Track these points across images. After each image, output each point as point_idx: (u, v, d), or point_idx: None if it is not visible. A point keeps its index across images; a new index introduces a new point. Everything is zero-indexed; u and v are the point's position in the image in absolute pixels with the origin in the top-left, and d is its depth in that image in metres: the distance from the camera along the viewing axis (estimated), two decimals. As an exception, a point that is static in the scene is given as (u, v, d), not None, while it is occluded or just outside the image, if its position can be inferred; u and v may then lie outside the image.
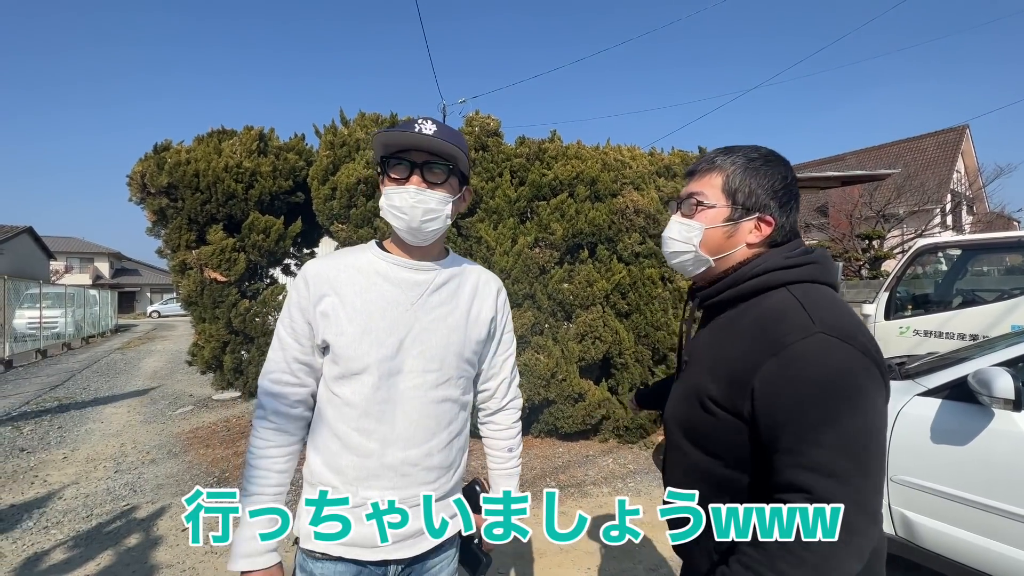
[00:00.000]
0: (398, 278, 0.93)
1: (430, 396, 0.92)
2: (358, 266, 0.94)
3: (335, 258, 0.96)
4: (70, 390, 6.91)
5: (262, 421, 0.93)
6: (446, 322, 0.95)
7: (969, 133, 20.35)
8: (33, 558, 2.50)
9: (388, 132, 0.90)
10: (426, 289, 0.95)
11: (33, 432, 4.73)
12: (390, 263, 0.94)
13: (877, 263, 12.54)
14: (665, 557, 2.48)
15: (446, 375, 0.94)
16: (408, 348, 0.91)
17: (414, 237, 0.92)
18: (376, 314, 0.90)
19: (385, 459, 0.89)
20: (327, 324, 0.89)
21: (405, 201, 0.89)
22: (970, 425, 1.85)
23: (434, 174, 0.91)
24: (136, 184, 3.97)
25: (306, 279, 0.92)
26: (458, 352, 0.95)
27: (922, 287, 5.21)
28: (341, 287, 0.91)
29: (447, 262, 1.00)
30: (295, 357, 0.92)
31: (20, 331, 10.66)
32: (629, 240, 4.03)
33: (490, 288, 1.05)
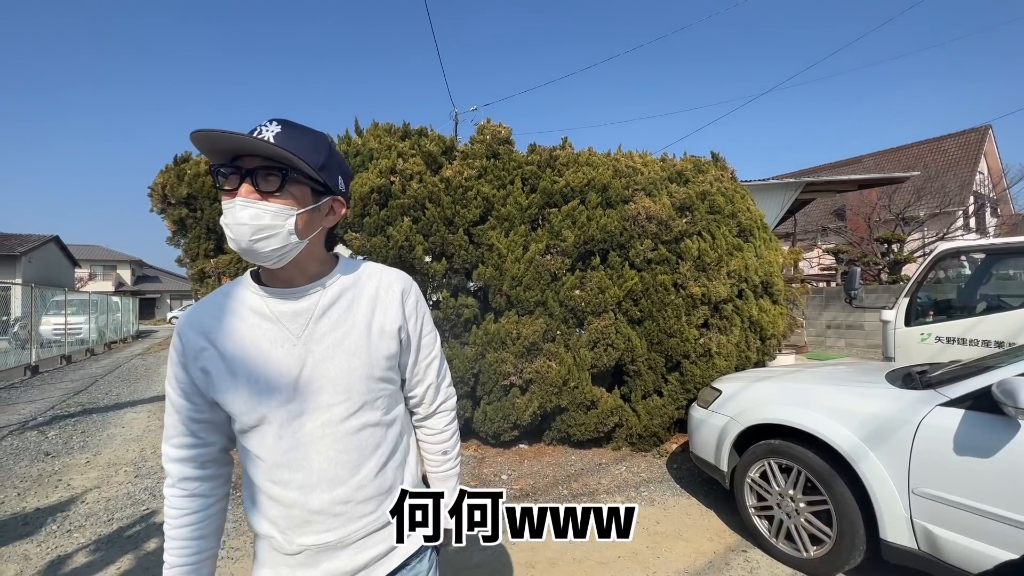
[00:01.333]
0: (275, 312, 0.83)
1: (344, 429, 0.84)
2: (231, 307, 0.84)
3: (208, 302, 0.86)
4: (93, 395, 7.08)
5: (171, 489, 0.86)
6: (343, 347, 0.84)
7: (992, 133, 19.87)
8: (57, 561, 2.56)
9: (206, 133, 0.72)
10: (311, 316, 0.83)
11: (58, 436, 4.85)
12: (264, 296, 0.83)
13: (897, 267, 12.28)
14: (679, 567, 2.45)
15: (357, 402, 0.85)
16: (306, 386, 0.81)
17: (253, 259, 0.78)
18: (260, 359, 0.80)
19: (310, 505, 0.82)
20: (209, 382, 0.81)
21: (232, 216, 0.75)
22: (995, 437, 1.80)
23: (268, 182, 0.77)
24: (157, 195, 4.08)
25: (179, 334, 0.83)
26: (365, 375, 0.85)
27: (944, 292, 5.08)
28: (216, 336, 0.81)
29: (333, 276, 0.88)
30: (191, 418, 0.84)
31: (46, 337, 10.99)
32: (641, 246, 4.01)
33: (392, 293, 0.91)
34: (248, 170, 0.76)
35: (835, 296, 9.46)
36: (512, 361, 3.78)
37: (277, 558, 0.85)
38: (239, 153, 0.77)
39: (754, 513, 2.63)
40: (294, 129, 0.79)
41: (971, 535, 1.82)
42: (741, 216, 4.39)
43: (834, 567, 2.26)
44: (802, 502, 2.39)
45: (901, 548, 2.01)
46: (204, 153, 0.78)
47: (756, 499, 2.63)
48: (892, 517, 2.03)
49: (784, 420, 2.47)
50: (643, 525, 2.88)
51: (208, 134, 0.72)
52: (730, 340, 4.06)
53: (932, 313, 4.53)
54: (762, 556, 2.53)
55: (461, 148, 4.39)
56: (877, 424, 2.13)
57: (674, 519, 2.95)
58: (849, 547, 2.18)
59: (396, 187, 3.87)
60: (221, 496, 0.91)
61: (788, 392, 2.64)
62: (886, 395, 2.23)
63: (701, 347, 3.98)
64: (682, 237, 4.08)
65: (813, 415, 2.36)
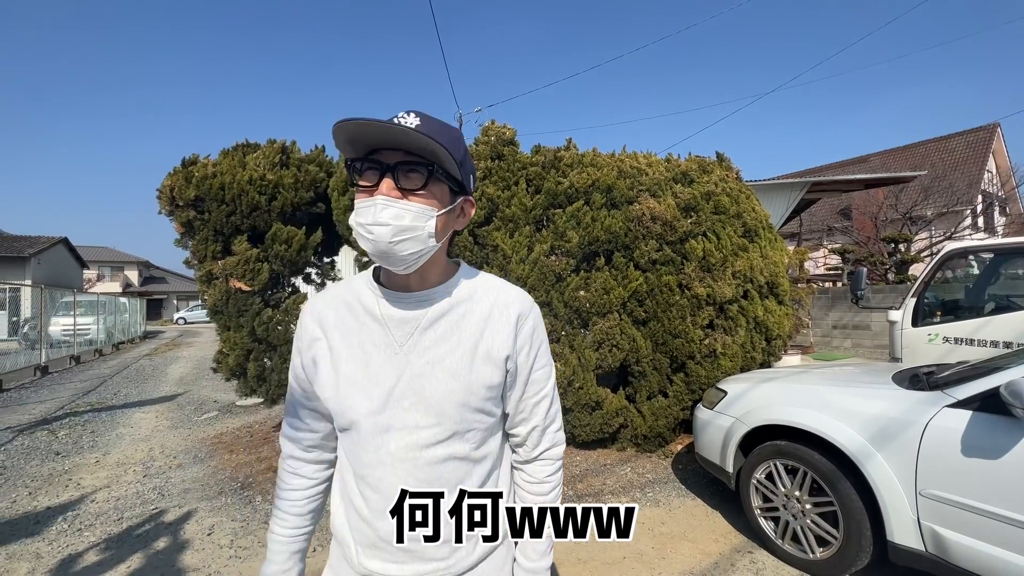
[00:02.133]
0: (386, 314, 0.78)
1: (427, 456, 0.75)
2: (349, 302, 0.80)
3: (331, 293, 0.84)
4: (102, 395, 7.15)
5: (282, 462, 0.90)
6: (443, 365, 0.76)
7: (1000, 132, 19.70)
8: (67, 559, 2.59)
9: (350, 123, 0.66)
10: (416, 326, 0.77)
11: (67, 436, 4.91)
12: (378, 296, 0.79)
13: (904, 267, 12.19)
14: (684, 568, 2.45)
15: (448, 430, 0.76)
16: (398, 400, 0.75)
17: (387, 262, 0.73)
18: (362, 360, 0.77)
19: (380, 530, 0.76)
20: (315, 373, 0.79)
21: (371, 216, 0.69)
22: (1003, 438, 1.79)
23: (411, 179, 0.71)
24: (165, 197, 4.12)
25: (301, 320, 0.83)
26: (461, 402, 0.76)
27: (952, 292, 5.04)
28: (330, 329, 0.79)
29: (450, 286, 0.81)
30: (300, 403, 0.85)
31: (55, 338, 11.11)
32: (646, 247, 4.01)
33: (507, 316, 0.81)
34: (389, 165, 0.70)
35: (841, 296, 9.41)
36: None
37: (345, 570, 0.82)
38: (379, 146, 0.71)
39: (760, 514, 2.63)
40: (434, 121, 0.72)
41: (979, 537, 1.81)
42: (746, 216, 4.38)
43: (840, 569, 2.25)
44: (808, 503, 2.38)
45: (908, 550, 2.01)
46: (339, 146, 0.72)
47: (762, 500, 2.63)
48: (899, 519, 2.02)
49: (790, 421, 2.46)
50: (648, 526, 2.88)
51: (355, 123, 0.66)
52: (735, 341, 4.05)
53: (940, 313, 4.50)
54: (768, 557, 2.52)
55: (466, 149, 4.41)
56: (884, 425, 2.13)
57: (679, 520, 2.95)
58: (856, 549, 2.18)
59: (401, 189, 3.89)
60: (322, 480, 0.91)
61: (794, 393, 2.63)
62: (893, 396, 2.23)
63: (706, 348, 3.97)
64: (687, 238, 4.08)
65: (819, 416, 2.36)
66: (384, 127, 0.67)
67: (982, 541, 1.80)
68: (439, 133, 0.70)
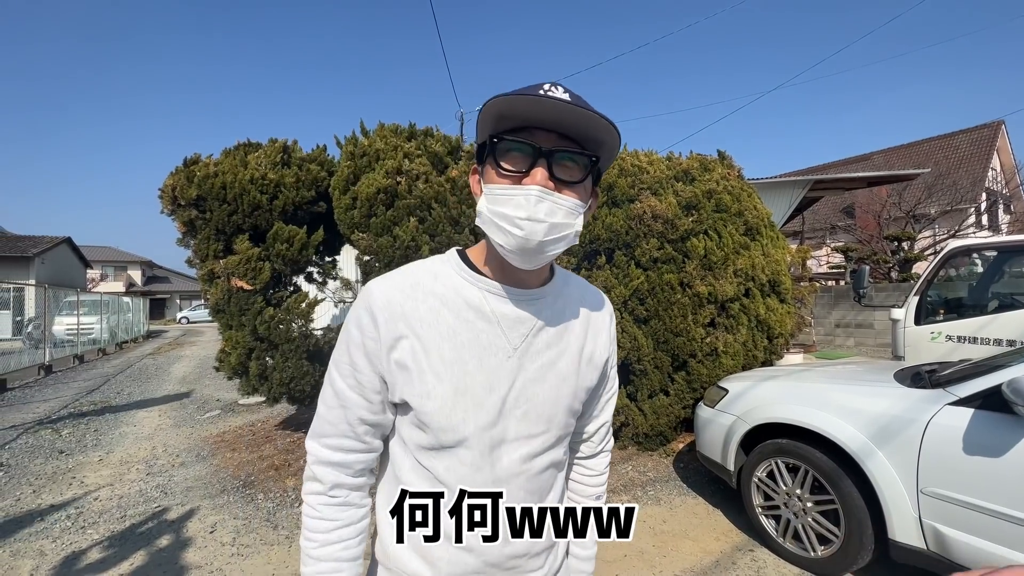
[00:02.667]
0: (497, 312, 0.68)
1: (534, 467, 0.70)
2: (441, 293, 0.68)
3: (409, 279, 0.68)
4: (105, 394, 7.19)
5: (321, 497, 0.70)
6: (555, 369, 0.70)
7: (1005, 129, 19.60)
8: (71, 556, 2.61)
9: (510, 97, 0.58)
10: (532, 327, 0.69)
11: (71, 435, 4.93)
12: (485, 291, 0.68)
13: (907, 265, 12.14)
14: (686, 567, 2.45)
15: (553, 436, 0.71)
16: (511, 409, 0.67)
17: (528, 261, 0.63)
18: (472, 364, 0.66)
19: (487, 556, 0.68)
20: (407, 380, 0.65)
21: (524, 208, 0.59)
22: (1005, 436, 1.79)
23: (568, 169, 0.61)
24: (167, 197, 4.13)
25: (372, 312, 0.65)
26: (568, 406, 0.72)
27: (955, 290, 5.02)
28: (422, 326, 0.65)
29: (557, 284, 0.74)
30: (361, 418, 0.68)
31: (59, 337, 11.15)
32: (647, 246, 4.01)
33: (604, 318, 0.79)
34: (546, 151, 0.60)
35: (844, 295, 9.38)
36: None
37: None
38: (534, 123, 0.60)
39: (761, 512, 2.62)
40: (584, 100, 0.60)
41: (981, 535, 1.80)
42: (748, 214, 4.37)
43: (842, 567, 2.25)
44: (809, 501, 2.38)
45: (910, 548, 2.00)
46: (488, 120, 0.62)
47: (763, 498, 2.62)
48: (901, 517, 2.02)
49: (791, 419, 2.46)
50: (649, 524, 2.88)
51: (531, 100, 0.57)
52: (737, 339, 4.04)
53: (943, 312, 4.48)
54: (769, 555, 2.52)
55: (467, 148, 4.41)
56: (885, 423, 2.12)
57: (681, 518, 2.95)
58: (857, 547, 2.17)
59: (402, 188, 3.90)
60: (369, 508, 0.75)
61: (795, 391, 2.63)
62: (894, 394, 2.22)
63: (708, 346, 3.97)
64: (688, 236, 4.07)
65: (820, 414, 2.36)
66: (550, 105, 0.57)
67: (984, 539, 1.79)
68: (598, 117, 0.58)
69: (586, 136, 0.61)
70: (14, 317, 14.90)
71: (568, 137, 0.61)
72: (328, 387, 0.70)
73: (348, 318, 0.68)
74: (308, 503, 0.70)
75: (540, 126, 0.60)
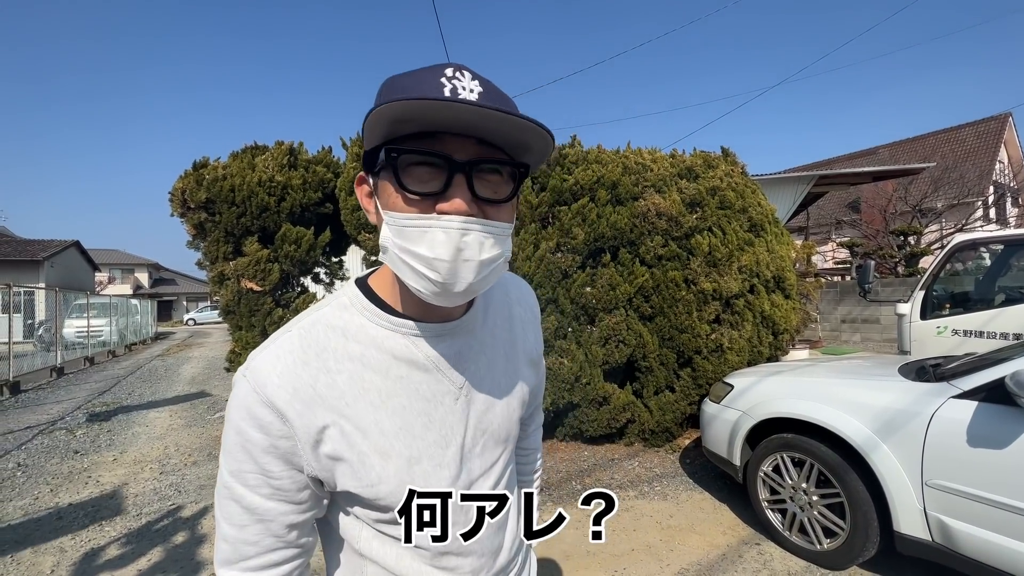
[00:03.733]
0: (431, 357, 0.57)
1: (500, 485, 0.65)
2: (359, 354, 0.54)
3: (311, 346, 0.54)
4: (117, 395, 7.28)
5: None
6: (501, 388, 0.64)
7: (1012, 121, 19.41)
8: (90, 553, 2.67)
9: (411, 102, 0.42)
10: (472, 357, 0.61)
11: (85, 435, 5.02)
12: (411, 335, 0.56)
13: (914, 260, 12.07)
14: (693, 560, 2.48)
15: (509, 451, 0.67)
16: (469, 451, 0.60)
17: (451, 302, 0.50)
18: (418, 427, 0.56)
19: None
20: (347, 471, 0.53)
21: (444, 246, 0.46)
22: (1009, 428, 1.80)
23: (493, 184, 0.49)
24: (177, 200, 4.20)
25: (275, 405, 0.50)
26: (519, 417, 0.68)
27: (961, 285, 5.01)
28: (345, 403, 0.53)
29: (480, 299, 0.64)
30: (289, 524, 0.54)
31: (69, 340, 11.30)
32: (651, 243, 4.03)
33: (528, 308, 0.73)
34: (462, 163, 0.46)
35: (850, 290, 9.35)
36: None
37: None
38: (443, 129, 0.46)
39: (767, 506, 2.65)
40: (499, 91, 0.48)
41: (986, 526, 1.82)
42: (752, 211, 4.38)
43: (848, 559, 2.27)
44: (815, 495, 2.40)
45: (915, 540, 2.02)
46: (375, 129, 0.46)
47: (769, 492, 2.65)
48: (906, 509, 2.04)
49: (796, 414, 2.48)
50: (656, 519, 2.91)
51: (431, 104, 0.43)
52: (742, 335, 4.06)
53: (949, 306, 4.48)
54: (775, 549, 2.55)
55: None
56: (890, 417, 2.14)
57: (687, 513, 2.98)
58: (863, 539, 2.20)
59: (408, 188, 3.94)
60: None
61: (800, 386, 2.65)
62: (899, 388, 2.24)
63: (713, 342, 3.99)
64: (692, 233, 4.09)
65: (825, 409, 2.38)
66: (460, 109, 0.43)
67: (988, 530, 1.81)
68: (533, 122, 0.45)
69: (511, 140, 0.47)
70: (25, 320, 15.11)
71: (488, 143, 0.47)
72: (231, 505, 0.53)
73: (232, 418, 0.52)
74: None
75: (451, 130, 0.46)
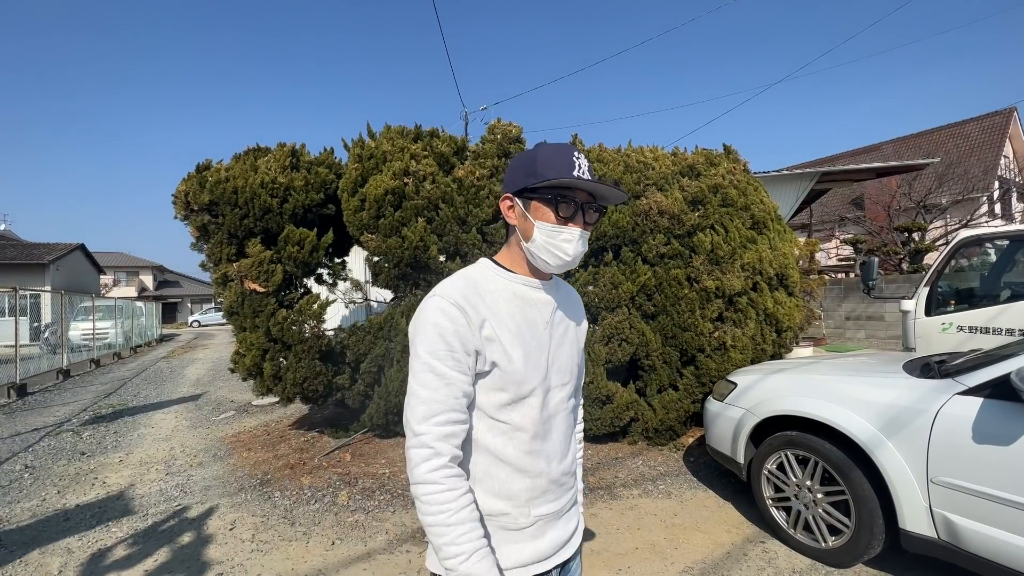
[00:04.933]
0: (535, 299, 0.96)
1: (568, 407, 0.98)
2: (494, 289, 0.92)
3: (471, 280, 0.92)
4: (122, 397, 7.33)
5: (444, 470, 0.81)
6: (568, 336, 1.00)
7: (1017, 116, 19.25)
8: (97, 554, 2.69)
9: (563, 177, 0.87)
10: (554, 307, 0.98)
11: (92, 437, 5.05)
12: (523, 284, 0.95)
13: (918, 256, 12.00)
14: (697, 559, 2.47)
15: (573, 384, 1.00)
16: (551, 364, 0.94)
17: (558, 270, 0.94)
18: (528, 335, 0.91)
19: (552, 474, 0.93)
20: (493, 348, 0.86)
21: (572, 244, 0.90)
22: (1015, 424, 1.80)
23: (592, 216, 0.93)
24: (180, 202, 4.21)
25: (459, 304, 0.85)
26: (578, 363, 1.03)
27: (966, 281, 4.97)
28: (495, 310, 0.89)
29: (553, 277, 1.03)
30: (464, 392, 0.85)
31: (75, 342, 11.36)
32: (654, 241, 4.02)
33: (577, 298, 1.13)
34: (581, 203, 0.91)
35: (854, 287, 9.30)
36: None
37: (503, 537, 0.89)
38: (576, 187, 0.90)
39: (771, 504, 2.64)
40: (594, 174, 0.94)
41: (991, 523, 1.82)
42: (754, 208, 4.37)
43: (853, 557, 2.27)
44: (820, 493, 2.40)
45: (921, 537, 2.02)
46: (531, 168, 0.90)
47: (773, 490, 2.64)
48: (911, 506, 2.03)
49: (801, 411, 2.48)
50: (660, 517, 2.91)
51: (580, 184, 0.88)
52: (745, 333, 4.05)
53: (953, 302, 4.45)
54: (780, 547, 2.54)
55: (472, 148, 4.45)
56: (895, 414, 2.13)
57: (691, 511, 2.97)
58: (868, 537, 2.19)
59: (410, 189, 3.94)
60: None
61: (804, 383, 2.64)
62: (904, 385, 2.23)
63: (716, 340, 3.98)
64: (695, 231, 4.08)
65: (830, 406, 2.37)
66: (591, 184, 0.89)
67: (994, 527, 1.81)
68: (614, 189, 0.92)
69: (599, 193, 0.92)
70: (31, 323, 15.20)
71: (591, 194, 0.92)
72: (426, 374, 0.84)
73: (429, 317, 0.85)
74: (431, 480, 0.80)
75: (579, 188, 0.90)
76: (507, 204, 0.95)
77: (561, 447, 0.96)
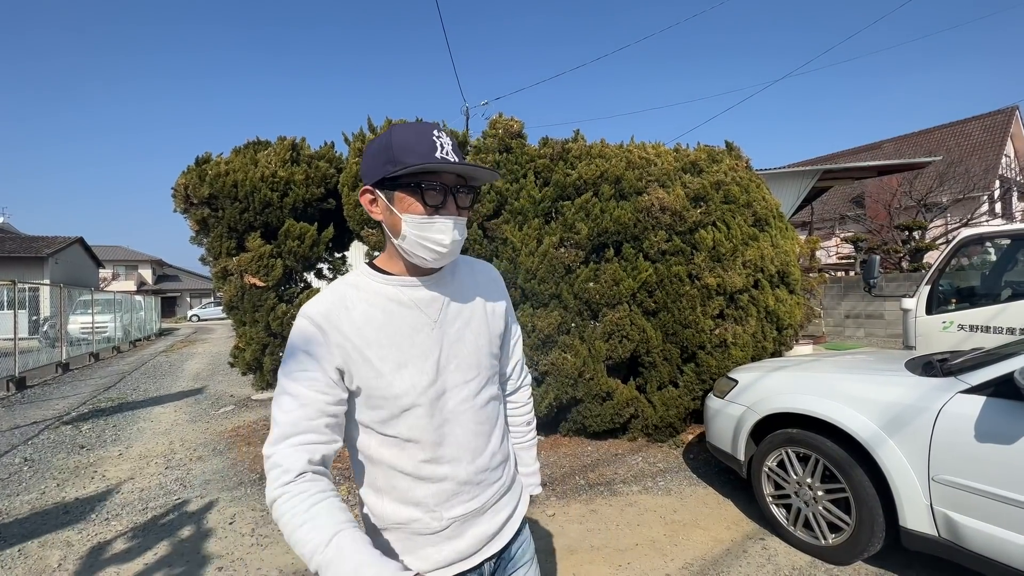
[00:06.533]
0: (415, 300, 0.88)
1: (477, 403, 0.92)
2: (366, 299, 0.86)
3: (334, 296, 0.86)
4: (122, 391, 7.32)
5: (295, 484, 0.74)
6: (471, 327, 0.93)
7: (1019, 115, 19.22)
8: (97, 547, 2.69)
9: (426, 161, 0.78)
10: (444, 302, 0.91)
11: (91, 430, 5.05)
12: (399, 286, 0.88)
13: (919, 255, 12.00)
14: (697, 555, 2.48)
15: (484, 377, 0.93)
16: (447, 365, 0.88)
17: (439, 264, 0.87)
18: (405, 344, 0.84)
19: (459, 477, 0.88)
20: (358, 368, 0.81)
21: (447, 233, 0.82)
22: (1017, 423, 1.79)
23: (465, 198, 0.86)
24: (180, 195, 4.19)
25: (317, 324, 0.81)
26: (488, 352, 0.95)
27: (967, 279, 4.97)
28: (361, 325, 0.83)
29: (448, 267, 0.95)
30: (322, 411, 0.79)
31: (74, 336, 11.35)
32: (655, 238, 4.01)
33: (492, 277, 1.04)
34: (450, 187, 0.83)
35: (854, 285, 9.30)
36: (527, 354, 3.82)
37: (418, 542, 0.87)
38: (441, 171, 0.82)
39: (771, 502, 2.64)
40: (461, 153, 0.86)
41: (992, 522, 1.81)
42: (756, 206, 4.35)
43: (853, 554, 2.27)
44: (820, 490, 2.39)
45: (921, 535, 2.02)
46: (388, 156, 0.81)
47: (773, 488, 2.64)
48: (912, 504, 2.03)
49: (801, 409, 2.47)
50: (660, 514, 2.91)
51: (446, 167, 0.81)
52: (746, 330, 4.04)
53: (954, 301, 4.44)
54: (780, 544, 2.54)
55: (474, 143, 4.43)
56: (896, 412, 2.13)
57: (691, 508, 2.98)
58: (868, 534, 2.19)
59: (411, 183, 3.92)
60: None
61: (805, 381, 2.64)
62: (905, 383, 2.22)
63: (717, 338, 3.97)
64: (696, 228, 4.07)
65: (831, 404, 2.36)
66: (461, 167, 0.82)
67: (995, 526, 1.80)
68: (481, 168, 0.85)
69: (468, 174, 0.86)
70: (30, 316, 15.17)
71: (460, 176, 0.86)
72: (282, 396, 0.80)
73: (291, 336, 0.84)
74: (277, 495, 0.74)
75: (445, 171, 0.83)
76: (368, 198, 0.86)
77: (471, 446, 0.89)
